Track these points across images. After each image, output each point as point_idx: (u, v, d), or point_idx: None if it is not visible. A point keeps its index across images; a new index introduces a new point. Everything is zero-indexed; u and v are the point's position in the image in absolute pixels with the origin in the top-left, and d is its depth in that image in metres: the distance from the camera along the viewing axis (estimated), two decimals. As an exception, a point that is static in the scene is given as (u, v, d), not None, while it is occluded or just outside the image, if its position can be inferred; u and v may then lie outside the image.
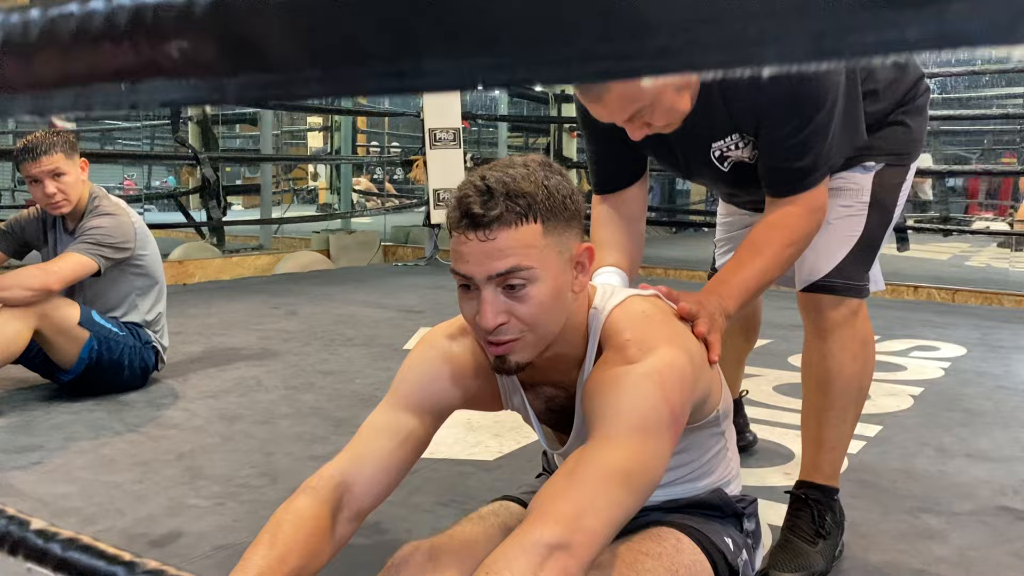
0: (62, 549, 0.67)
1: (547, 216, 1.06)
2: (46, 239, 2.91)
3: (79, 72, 0.49)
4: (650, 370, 1.07)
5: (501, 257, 1.04)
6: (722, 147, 1.57)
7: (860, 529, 1.88)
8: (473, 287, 1.07)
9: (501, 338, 1.08)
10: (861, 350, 1.70)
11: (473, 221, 1.04)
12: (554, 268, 1.08)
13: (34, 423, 2.55)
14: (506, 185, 1.04)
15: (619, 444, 1.01)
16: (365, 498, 1.16)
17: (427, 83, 0.39)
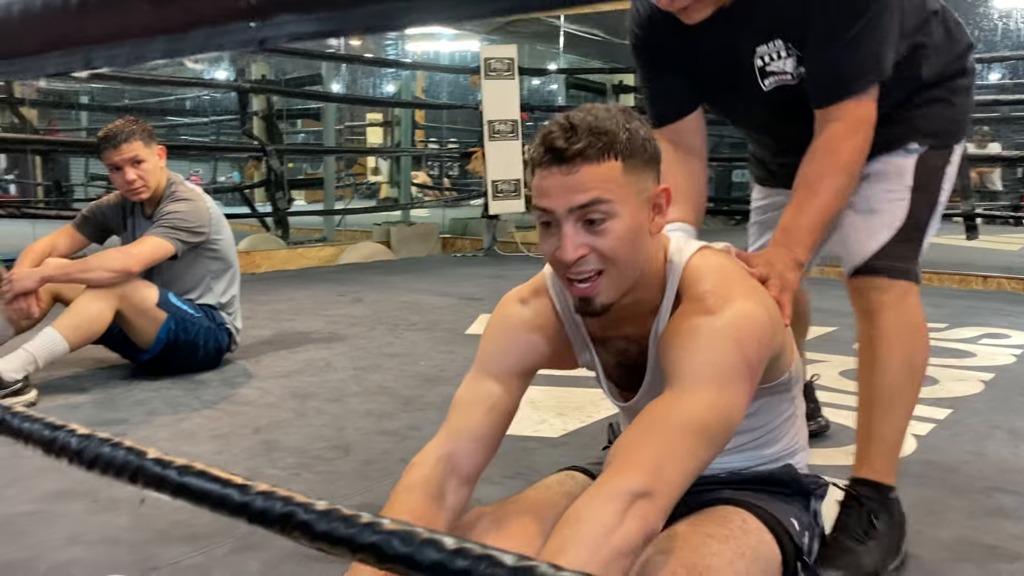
0: (178, 475, 0.72)
1: (627, 155, 1.08)
2: (126, 224, 3.02)
3: (210, 13, 0.53)
4: (728, 323, 1.08)
5: (582, 190, 1.07)
6: (765, 54, 1.54)
7: (930, 505, 1.87)
8: (554, 223, 1.10)
9: (583, 271, 1.10)
10: (911, 335, 1.61)
11: (556, 155, 1.07)
12: (633, 205, 1.10)
13: (116, 399, 2.66)
14: (589, 123, 1.07)
15: (696, 396, 1.04)
16: (469, 463, 1.20)
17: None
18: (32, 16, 0.63)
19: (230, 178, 14.01)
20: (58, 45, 0.64)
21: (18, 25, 0.64)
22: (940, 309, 4.46)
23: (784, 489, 1.32)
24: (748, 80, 1.59)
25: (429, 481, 1.16)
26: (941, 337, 3.74)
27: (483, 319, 3.89)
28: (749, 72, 1.58)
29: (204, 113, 11.18)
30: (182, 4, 0.53)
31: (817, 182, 1.47)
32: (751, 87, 1.59)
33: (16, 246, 4.91)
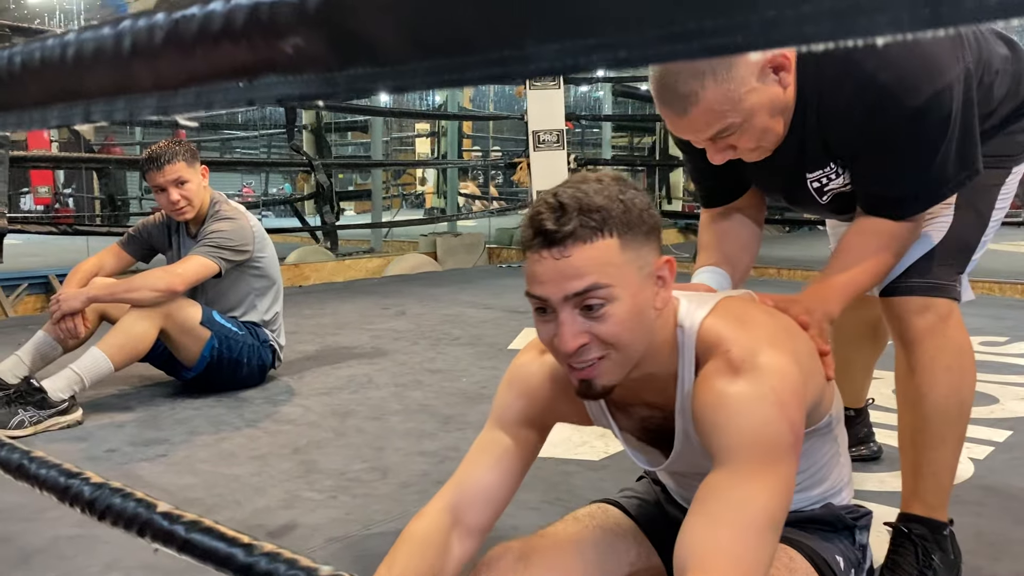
0: (185, 531, 0.70)
1: (623, 230, 1.01)
2: (171, 243, 3.06)
3: (200, 71, 0.51)
4: (765, 388, 1.02)
5: (577, 276, 1.00)
6: (820, 178, 1.46)
7: (987, 537, 1.79)
8: (550, 310, 1.03)
9: (584, 360, 1.04)
10: (956, 361, 1.50)
11: (546, 238, 1.00)
12: (634, 285, 1.03)
13: (160, 418, 2.69)
14: (579, 200, 1.00)
15: (756, 482, 0.99)
16: (475, 514, 1.18)
17: (529, 69, 0.39)
18: (32, 70, 0.62)
19: (281, 190, 14.22)
20: (59, 98, 0.63)
21: (20, 78, 0.64)
22: (1001, 322, 4.31)
23: (826, 527, 1.27)
24: (803, 195, 1.52)
25: (433, 533, 1.14)
26: (1001, 352, 3.62)
27: (526, 333, 3.86)
28: (803, 189, 1.50)
29: (255, 127, 11.36)
30: (174, 62, 0.51)
31: (869, 252, 1.40)
32: (806, 199, 1.52)
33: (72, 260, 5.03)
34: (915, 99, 1.28)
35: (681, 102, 1.26)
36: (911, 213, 1.41)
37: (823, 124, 1.36)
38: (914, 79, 1.28)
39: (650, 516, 1.36)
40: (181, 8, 0.52)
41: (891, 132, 1.32)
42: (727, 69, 1.22)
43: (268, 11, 0.46)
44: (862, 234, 1.42)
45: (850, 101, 1.32)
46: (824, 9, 0.30)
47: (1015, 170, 1.58)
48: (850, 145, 1.38)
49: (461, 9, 0.39)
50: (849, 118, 1.33)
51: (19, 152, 5.17)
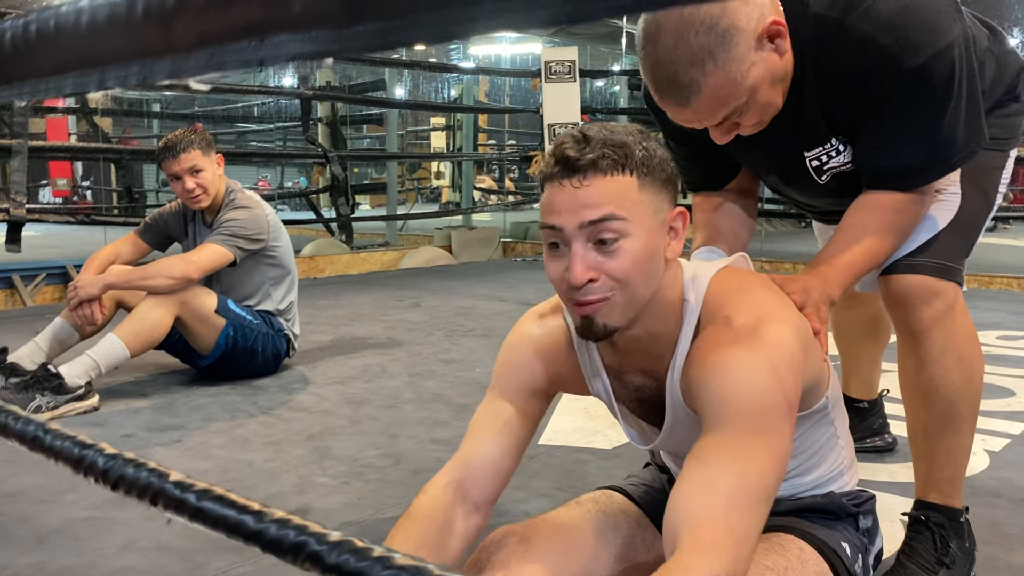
0: (197, 499, 0.71)
1: (643, 171, 1.02)
2: (186, 231, 3.08)
3: (212, 33, 0.51)
4: (762, 356, 1.02)
5: (594, 204, 1.00)
6: (819, 156, 1.42)
7: (1003, 528, 1.78)
8: (563, 243, 1.03)
9: (589, 297, 1.03)
10: (966, 350, 1.46)
11: (568, 165, 1.00)
12: (648, 226, 1.03)
13: (175, 404, 2.71)
14: (604, 136, 1.01)
15: (750, 451, 0.98)
16: (480, 489, 1.17)
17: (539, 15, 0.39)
18: (47, 38, 0.63)
19: (297, 183, 14.27)
20: (74, 66, 0.63)
21: (36, 47, 0.64)
22: (1018, 316, 4.27)
23: (829, 516, 1.27)
24: (801, 174, 1.46)
25: (436, 509, 1.14)
26: (1018, 346, 3.59)
27: (540, 325, 3.86)
28: (801, 168, 1.45)
29: (271, 120, 11.40)
30: (186, 24, 0.52)
31: (872, 230, 1.35)
32: (804, 179, 1.47)
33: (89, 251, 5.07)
34: (916, 59, 1.24)
35: (683, 93, 1.22)
36: (921, 183, 1.35)
37: (822, 93, 1.32)
38: (914, 39, 1.24)
39: (655, 503, 1.36)
40: (193, -30, 0.52)
41: (894, 95, 1.28)
42: (726, 50, 1.18)
43: (278, -32, 0.46)
44: (865, 210, 1.37)
45: (849, 65, 1.28)
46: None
47: (1011, 154, 1.57)
48: (851, 114, 1.33)
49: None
50: (849, 84, 1.29)
51: (38, 143, 5.22)
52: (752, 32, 1.20)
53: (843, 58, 1.28)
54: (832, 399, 1.25)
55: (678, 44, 1.18)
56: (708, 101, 1.22)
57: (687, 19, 1.17)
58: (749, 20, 1.19)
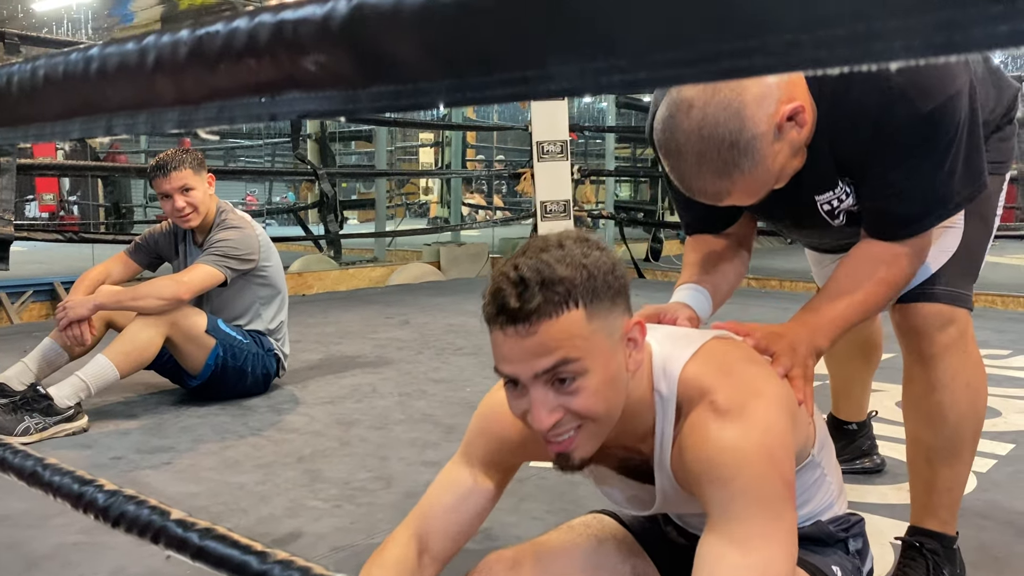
0: (200, 538, 0.71)
1: (589, 298, 0.98)
2: (177, 251, 3.07)
3: (223, 87, 0.52)
4: (754, 442, 1.02)
5: (545, 352, 0.96)
6: (830, 200, 1.42)
7: (991, 551, 1.79)
8: (521, 385, 1.01)
9: (560, 433, 1.02)
10: (975, 377, 1.48)
11: (510, 316, 0.96)
12: (604, 354, 1.00)
13: (165, 426, 2.69)
14: (540, 272, 0.96)
15: (764, 546, 0.99)
16: (440, 545, 1.20)
17: (551, 89, 0.40)
18: (55, 83, 0.63)
19: (285, 198, 14.25)
20: (80, 112, 0.64)
21: (43, 92, 0.65)
22: (1003, 335, 4.32)
23: (819, 543, 1.28)
24: (812, 217, 1.46)
25: (405, 558, 1.16)
26: (1004, 365, 3.62)
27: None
28: (812, 212, 1.45)
29: (259, 136, 11.39)
30: (197, 77, 0.52)
31: (864, 282, 1.35)
32: (815, 222, 1.47)
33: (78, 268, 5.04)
34: (928, 103, 1.24)
35: (714, 199, 1.26)
36: (918, 231, 1.36)
37: (835, 136, 1.32)
38: (928, 84, 1.25)
39: (646, 528, 1.36)
40: (204, 24, 0.53)
41: (901, 138, 1.28)
42: (751, 159, 1.19)
43: (292, 28, 0.47)
44: (862, 260, 1.37)
45: (861, 104, 1.28)
46: (840, 35, 0.31)
47: (1006, 177, 1.59)
48: (859, 154, 1.33)
49: (483, 28, 0.40)
50: (859, 123, 1.29)
51: (25, 160, 5.20)
52: (771, 129, 1.20)
53: (857, 98, 1.28)
54: (818, 447, 1.25)
55: (702, 163, 1.20)
56: (739, 197, 1.27)
57: (707, 139, 1.18)
58: (767, 118, 1.19)
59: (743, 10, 0.32)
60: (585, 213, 8.26)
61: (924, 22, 0.29)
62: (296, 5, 0.46)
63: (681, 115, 1.19)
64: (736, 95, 1.16)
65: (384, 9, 0.42)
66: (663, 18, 0.34)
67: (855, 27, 0.30)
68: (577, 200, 7.39)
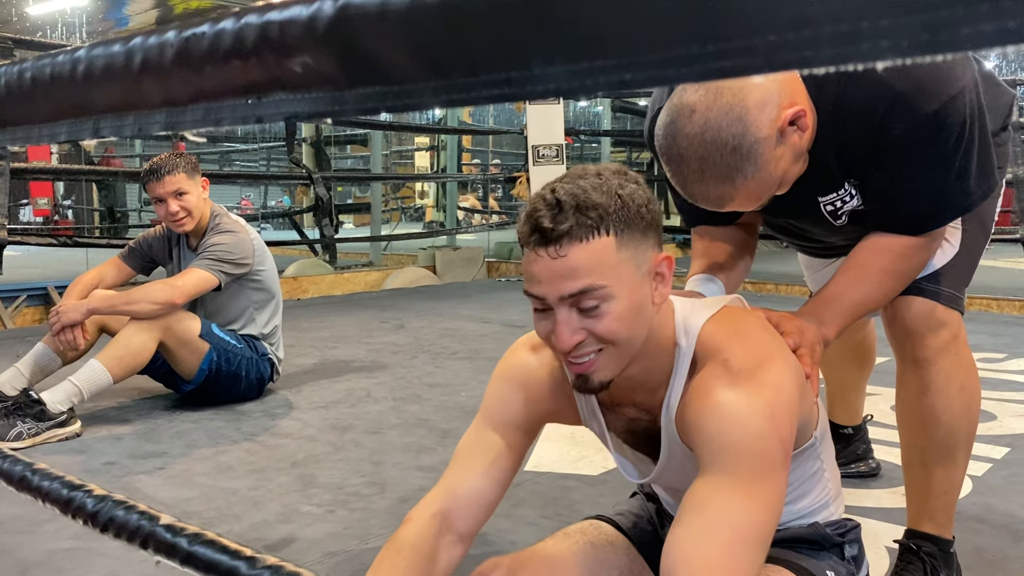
0: (188, 543, 0.71)
1: (621, 227, 1.00)
2: (171, 256, 3.07)
3: (209, 88, 0.52)
4: (760, 401, 1.03)
5: (573, 276, 0.99)
6: (834, 201, 1.42)
7: (986, 554, 1.79)
8: (547, 306, 1.03)
9: (581, 355, 1.04)
10: (968, 379, 1.49)
11: (543, 236, 0.99)
12: (631, 282, 1.02)
13: (158, 431, 2.69)
14: (576, 197, 0.99)
15: (746, 496, 0.99)
16: (465, 521, 1.18)
17: (535, 90, 0.40)
18: (42, 86, 0.63)
19: (280, 202, 14.24)
20: (68, 114, 0.64)
21: (30, 94, 0.65)
22: (998, 338, 4.32)
23: (814, 546, 1.28)
24: (815, 218, 1.46)
25: (422, 540, 1.14)
26: (999, 368, 3.62)
27: (525, 348, 3.86)
28: (816, 213, 1.45)
29: (254, 139, 11.38)
30: (183, 79, 0.52)
31: (874, 273, 1.35)
32: (818, 222, 1.47)
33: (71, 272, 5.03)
34: (931, 105, 1.24)
35: (716, 203, 1.27)
36: (931, 227, 1.36)
37: (839, 139, 1.31)
38: (930, 85, 1.25)
39: (643, 533, 1.36)
40: (191, 25, 0.52)
41: (908, 140, 1.28)
42: (753, 164, 1.19)
43: (278, 29, 0.46)
44: (871, 252, 1.38)
45: (866, 109, 1.28)
46: (825, 34, 0.30)
47: (1002, 183, 1.59)
48: (864, 157, 1.33)
49: (469, 30, 0.40)
50: (864, 127, 1.29)
51: (20, 164, 5.19)
52: (773, 134, 1.20)
53: (860, 102, 1.28)
54: (820, 435, 1.26)
55: (704, 168, 1.20)
56: (742, 203, 1.27)
57: (709, 143, 1.18)
58: (769, 122, 1.19)
59: (728, 11, 0.32)
60: (581, 217, 8.26)
61: (911, 21, 0.28)
62: (282, 6, 0.46)
63: (683, 120, 1.19)
64: (738, 100, 1.17)
65: (370, 10, 0.42)
66: (648, 19, 0.34)
67: (840, 27, 0.30)
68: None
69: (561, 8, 0.36)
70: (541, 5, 0.37)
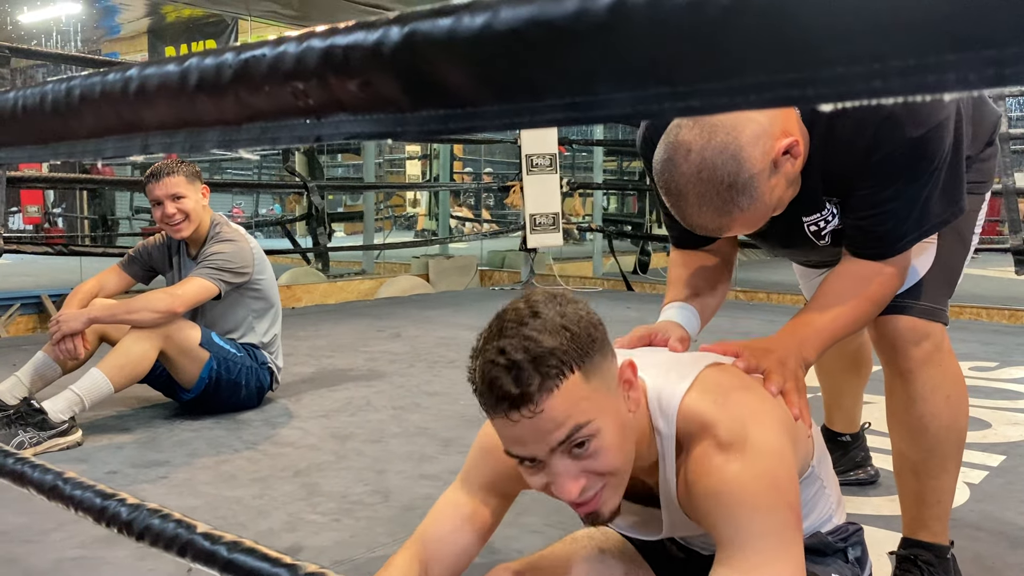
0: (228, 551, 0.72)
1: (580, 360, 0.98)
2: (171, 264, 3.07)
3: (267, 108, 0.53)
4: (759, 471, 1.04)
5: (557, 425, 0.97)
6: (817, 221, 1.45)
7: (985, 561, 1.81)
8: (537, 461, 1.01)
9: (588, 498, 1.03)
10: (954, 389, 1.52)
11: (513, 402, 0.95)
12: (609, 407, 1.01)
13: (159, 440, 2.69)
14: (528, 350, 0.95)
15: (773, 572, 1.01)
16: (443, 570, 1.21)
17: (600, 115, 0.42)
18: (91, 101, 0.64)
19: (271, 211, 14.22)
20: (116, 130, 0.65)
21: (77, 109, 0.66)
22: (989, 347, 4.36)
23: (818, 554, 1.30)
24: (799, 237, 1.49)
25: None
26: (991, 377, 3.66)
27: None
28: (799, 232, 1.48)
29: (247, 148, 11.37)
30: (238, 98, 0.53)
31: (849, 299, 1.38)
32: (802, 241, 1.50)
33: (65, 280, 5.01)
34: (918, 129, 1.28)
35: (715, 233, 1.31)
36: (896, 252, 1.40)
37: (824, 156, 1.34)
38: (919, 111, 1.29)
39: (649, 541, 1.38)
40: (250, 48, 0.54)
41: (890, 161, 1.32)
42: (749, 197, 1.22)
43: (342, 53, 0.48)
44: (845, 277, 1.41)
45: (855, 129, 1.31)
46: (893, 68, 0.32)
47: (986, 196, 1.63)
48: (847, 176, 1.36)
49: (533, 54, 0.41)
50: (850, 148, 1.33)
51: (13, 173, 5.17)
52: (767, 166, 1.23)
53: (851, 124, 1.31)
54: (817, 460, 1.28)
55: (702, 203, 1.23)
56: (739, 230, 1.32)
57: (706, 181, 1.21)
58: (763, 156, 1.22)
59: (797, 41, 0.34)
60: (573, 226, 8.30)
61: (977, 57, 0.30)
62: (346, 30, 0.47)
63: (680, 159, 1.23)
64: (732, 138, 1.20)
65: (437, 36, 0.43)
66: (716, 47, 0.36)
67: (907, 61, 0.32)
68: (565, 213, 7.41)
69: (630, 34, 0.38)
70: (609, 32, 0.38)
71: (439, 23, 0.43)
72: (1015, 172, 5.82)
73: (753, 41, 0.35)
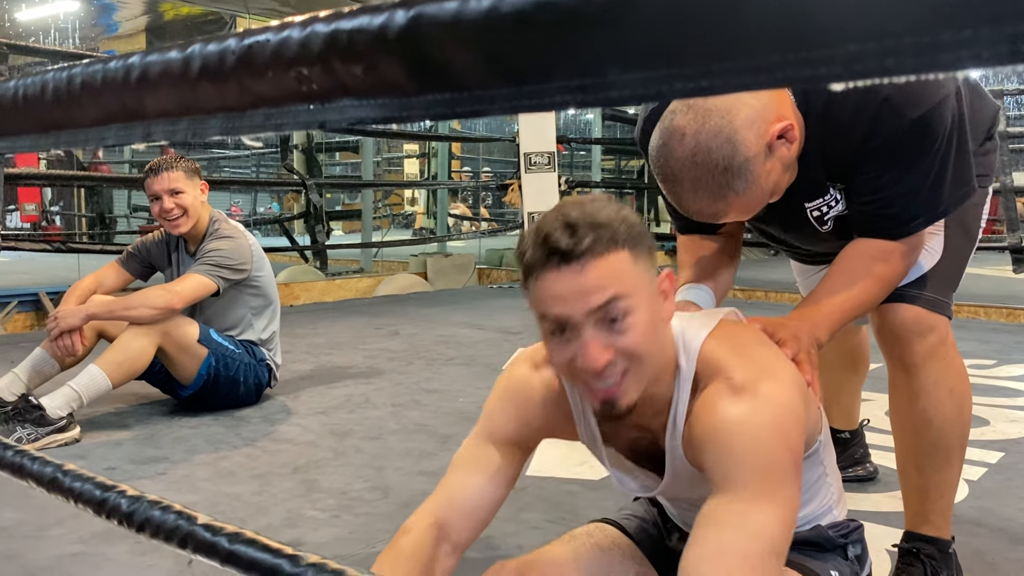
0: (229, 542, 0.71)
1: (632, 244, 1.02)
2: (170, 261, 3.06)
3: (270, 94, 0.53)
4: (766, 416, 1.04)
5: (598, 289, 0.99)
6: (820, 206, 1.45)
7: (986, 557, 1.81)
8: (570, 328, 1.02)
9: (608, 378, 1.03)
10: (958, 383, 1.51)
11: (563, 256, 0.98)
12: (647, 295, 1.04)
13: (157, 436, 2.68)
14: (587, 216, 1.00)
15: (759, 509, 1.01)
16: (461, 532, 1.18)
17: (610, 97, 0.41)
18: (92, 88, 0.64)
19: (269, 209, 14.21)
20: (117, 118, 0.64)
21: (79, 97, 0.65)
22: (987, 345, 4.36)
23: (817, 548, 1.29)
24: (802, 224, 1.49)
25: (420, 550, 1.14)
26: (989, 375, 3.66)
27: (519, 354, 3.87)
28: (802, 219, 1.48)
29: (245, 146, 11.36)
30: (242, 84, 0.53)
31: (858, 279, 1.38)
32: (805, 228, 1.50)
33: (63, 278, 5.00)
34: (917, 111, 1.28)
35: (711, 219, 1.31)
36: (910, 232, 1.39)
37: (823, 142, 1.34)
38: (916, 92, 1.28)
39: (649, 537, 1.37)
40: (253, 34, 0.53)
41: (890, 144, 1.31)
42: (744, 180, 1.22)
43: (347, 38, 0.47)
44: (855, 258, 1.40)
45: (851, 113, 1.31)
46: (906, 45, 0.32)
47: (989, 189, 1.63)
48: (849, 161, 1.36)
49: (540, 36, 0.41)
50: (849, 132, 1.33)
51: (11, 170, 5.16)
52: (762, 150, 1.23)
53: (848, 108, 1.31)
54: (823, 440, 1.28)
55: (697, 188, 1.24)
56: (736, 216, 1.32)
57: (700, 165, 1.21)
58: (757, 139, 1.22)
59: (810, 19, 0.33)
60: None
61: (992, 33, 0.30)
62: (351, 14, 0.47)
63: (674, 143, 1.23)
64: (726, 121, 1.20)
65: (443, 19, 0.43)
66: (727, 27, 0.35)
67: (921, 38, 0.31)
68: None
69: (639, 15, 0.37)
70: (616, 12, 0.38)
71: (445, 6, 0.43)
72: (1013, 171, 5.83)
73: (764, 19, 0.34)
